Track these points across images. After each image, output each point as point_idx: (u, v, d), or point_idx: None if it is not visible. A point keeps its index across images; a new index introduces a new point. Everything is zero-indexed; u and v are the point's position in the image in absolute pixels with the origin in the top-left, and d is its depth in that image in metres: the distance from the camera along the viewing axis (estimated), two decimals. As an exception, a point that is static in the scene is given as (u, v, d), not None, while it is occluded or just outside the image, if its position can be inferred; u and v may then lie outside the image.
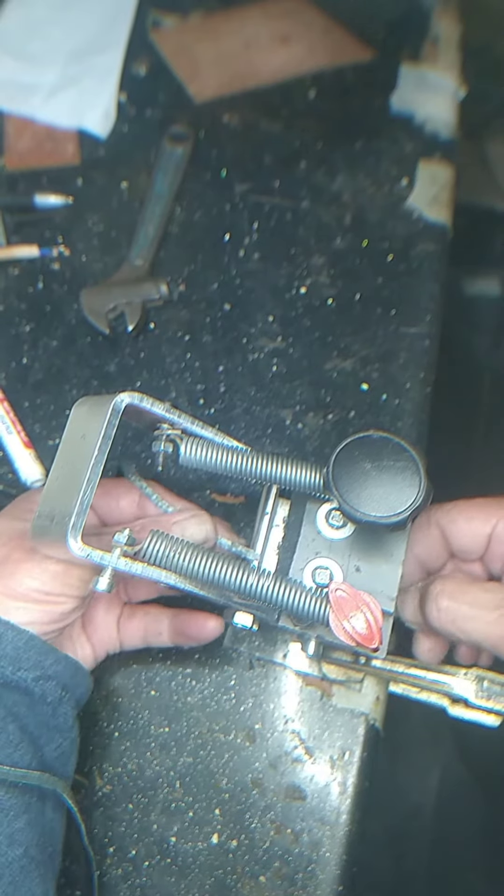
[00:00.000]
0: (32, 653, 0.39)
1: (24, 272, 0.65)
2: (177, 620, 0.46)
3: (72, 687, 0.41)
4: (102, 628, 0.46)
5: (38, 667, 0.39)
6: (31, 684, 0.39)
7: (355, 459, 0.40)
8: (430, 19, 0.82)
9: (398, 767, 1.04)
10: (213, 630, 0.45)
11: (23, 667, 0.39)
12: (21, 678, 0.39)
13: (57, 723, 0.40)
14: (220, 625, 0.45)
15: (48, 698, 0.40)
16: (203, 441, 0.43)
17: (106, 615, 0.46)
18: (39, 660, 0.40)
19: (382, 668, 0.48)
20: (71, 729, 0.41)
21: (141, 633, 0.47)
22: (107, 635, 0.46)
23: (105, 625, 0.46)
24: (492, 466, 1.11)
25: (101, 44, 0.79)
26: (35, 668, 0.39)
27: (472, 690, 0.47)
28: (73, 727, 0.42)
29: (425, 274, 0.65)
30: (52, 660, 0.40)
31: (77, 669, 0.42)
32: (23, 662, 0.39)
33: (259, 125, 0.74)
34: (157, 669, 0.49)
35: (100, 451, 0.37)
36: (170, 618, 0.46)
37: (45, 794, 0.39)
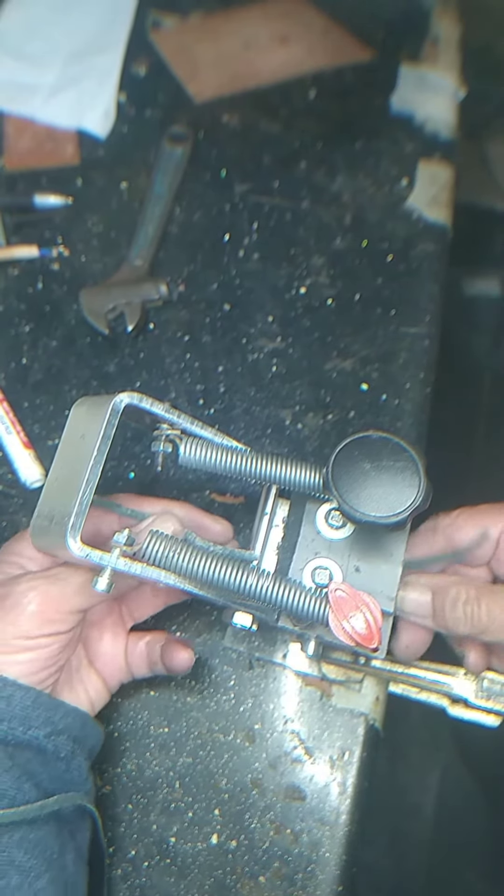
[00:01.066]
0: (41, 710, 0.39)
1: (23, 272, 0.65)
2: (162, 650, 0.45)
3: (82, 739, 0.41)
4: (111, 659, 0.46)
5: (49, 723, 0.39)
6: (43, 741, 0.39)
7: (355, 459, 0.40)
8: (430, 19, 0.82)
9: (398, 767, 1.04)
10: (180, 662, 0.44)
11: (33, 725, 0.39)
12: (33, 736, 0.39)
13: (71, 777, 0.40)
14: (190, 657, 0.44)
15: (61, 753, 0.40)
16: (202, 441, 0.43)
17: (113, 645, 0.46)
18: (49, 716, 0.39)
19: (382, 668, 0.48)
20: (85, 781, 0.41)
21: (146, 662, 0.46)
22: (116, 666, 0.46)
23: (113, 655, 0.46)
24: (492, 466, 1.11)
25: (101, 44, 0.79)
26: (45, 725, 0.39)
27: (472, 690, 0.47)
28: (88, 779, 0.41)
29: (425, 274, 0.65)
30: (60, 714, 0.40)
31: (86, 721, 0.42)
32: (33, 721, 0.39)
33: (259, 125, 0.74)
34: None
35: (99, 452, 0.37)
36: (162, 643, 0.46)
37: (65, 847, 0.39)
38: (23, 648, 0.39)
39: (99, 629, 0.46)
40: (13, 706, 0.38)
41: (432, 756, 1.05)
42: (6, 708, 0.38)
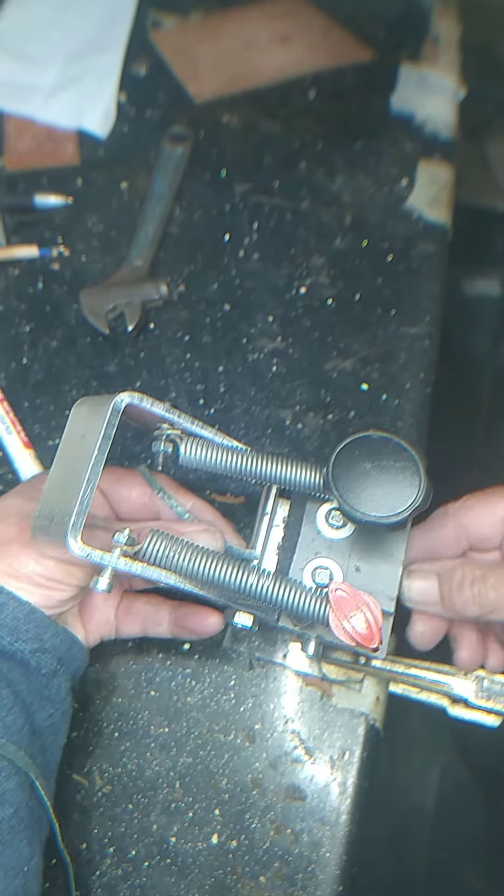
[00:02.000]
0: (32, 625, 0.40)
1: (23, 272, 0.65)
2: (178, 612, 0.46)
3: (67, 660, 0.42)
4: (99, 613, 0.46)
5: (37, 639, 0.40)
6: (27, 656, 0.40)
7: (355, 459, 0.40)
8: (430, 19, 0.82)
9: (398, 767, 1.04)
10: (213, 625, 0.45)
11: (21, 638, 0.39)
12: (18, 649, 0.39)
13: (50, 693, 0.41)
14: (221, 621, 0.45)
15: (43, 670, 0.40)
16: (203, 441, 0.43)
17: (105, 601, 0.46)
18: (38, 632, 0.40)
19: (382, 669, 0.48)
20: (63, 700, 0.42)
21: (140, 622, 0.47)
22: (103, 620, 0.46)
23: (102, 610, 0.46)
24: (492, 466, 1.11)
25: (101, 44, 0.79)
26: (33, 641, 0.40)
27: (472, 690, 0.47)
28: (66, 699, 0.42)
29: (425, 274, 0.65)
30: (50, 633, 0.41)
31: (73, 643, 0.42)
32: (21, 634, 0.39)
33: (259, 125, 0.74)
34: (156, 670, 0.49)
35: (99, 451, 0.37)
36: (171, 609, 0.46)
37: (34, 757, 0.39)
38: (40, 584, 0.39)
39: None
40: (5, 615, 0.39)
41: (432, 756, 1.05)
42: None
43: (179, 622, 0.46)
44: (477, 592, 0.42)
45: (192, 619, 0.45)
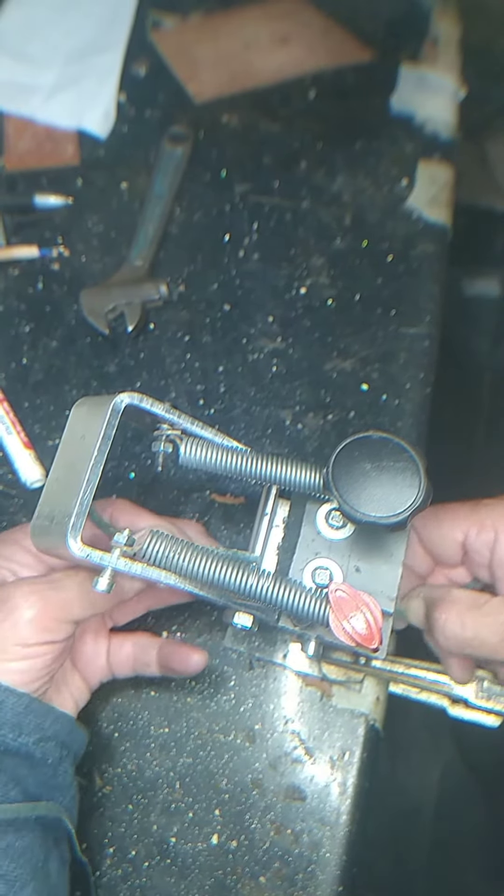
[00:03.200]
0: (32, 716, 0.39)
1: (23, 273, 0.65)
2: (162, 653, 0.45)
3: (69, 744, 0.41)
4: (92, 660, 0.46)
5: (38, 729, 0.39)
6: (32, 748, 0.39)
7: (355, 460, 0.40)
8: (430, 20, 0.82)
9: (398, 768, 1.04)
10: (196, 664, 0.44)
11: (24, 732, 0.39)
12: (23, 743, 0.39)
13: (57, 782, 0.40)
14: (204, 658, 0.44)
15: (49, 759, 0.40)
16: (203, 441, 0.43)
17: (95, 646, 0.46)
18: (39, 722, 0.39)
19: (382, 669, 0.48)
20: (70, 786, 0.41)
21: (130, 663, 0.46)
22: (98, 666, 0.46)
23: (95, 656, 0.46)
24: (492, 466, 1.11)
25: (101, 44, 0.79)
26: (35, 731, 0.39)
27: (472, 691, 0.47)
28: (72, 784, 0.42)
29: (425, 274, 0.65)
30: (50, 720, 0.40)
31: (73, 726, 0.42)
32: (24, 727, 0.39)
33: (259, 126, 0.74)
34: (156, 670, 0.49)
35: (99, 452, 0.37)
36: (157, 648, 0.46)
37: (49, 855, 0.39)
38: (19, 656, 0.38)
39: (81, 630, 0.46)
40: (5, 712, 0.38)
41: (432, 756, 1.05)
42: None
43: (164, 662, 0.45)
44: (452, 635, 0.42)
45: (175, 659, 0.45)
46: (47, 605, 0.39)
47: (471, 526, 0.44)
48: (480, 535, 0.44)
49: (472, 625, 0.42)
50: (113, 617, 0.47)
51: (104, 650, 0.46)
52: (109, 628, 0.47)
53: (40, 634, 0.38)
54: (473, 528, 0.44)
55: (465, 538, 0.44)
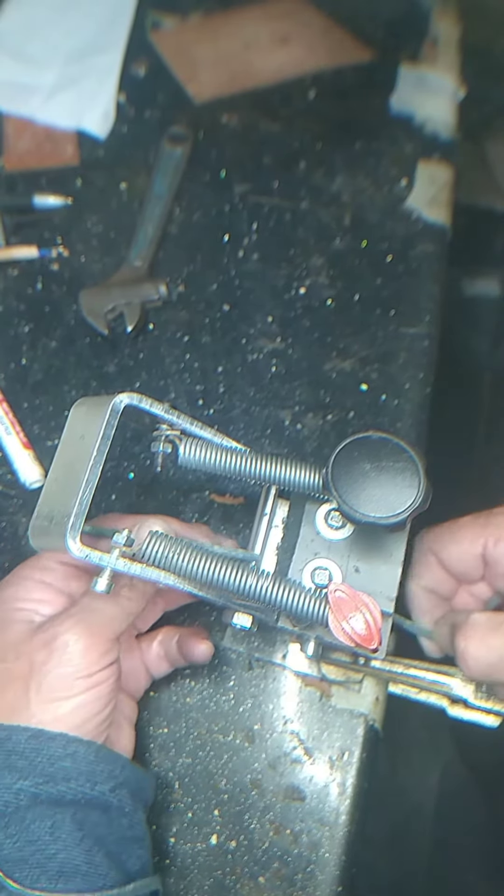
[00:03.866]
0: (104, 764, 0.38)
1: (23, 273, 0.65)
2: (179, 642, 0.46)
3: (139, 792, 0.41)
4: (133, 673, 0.46)
5: (111, 777, 0.38)
6: (108, 796, 0.38)
7: (354, 460, 0.40)
8: (430, 20, 0.82)
9: (398, 768, 1.04)
10: (201, 653, 0.45)
11: (98, 780, 0.38)
12: (100, 792, 0.38)
13: (134, 833, 0.40)
14: (210, 648, 0.45)
15: (126, 808, 0.39)
16: (202, 442, 0.43)
17: (131, 659, 0.46)
18: (111, 770, 0.39)
19: (382, 669, 0.48)
20: (145, 836, 0.41)
21: (163, 661, 0.46)
22: (139, 677, 0.46)
23: (134, 668, 0.46)
24: (492, 466, 1.11)
25: (101, 44, 0.79)
26: (109, 780, 0.38)
27: (472, 691, 0.47)
28: (147, 834, 0.41)
29: (425, 274, 0.65)
30: (120, 767, 0.39)
31: (141, 773, 0.41)
32: (97, 776, 0.38)
33: (258, 126, 0.74)
34: (156, 670, 0.49)
35: (99, 452, 0.37)
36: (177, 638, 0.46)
37: None
38: (85, 689, 0.38)
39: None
40: (78, 762, 0.37)
41: (432, 756, 1.05)
42: (72, 766, 0.37)
43: (181, 651, 0.45)
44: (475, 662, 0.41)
45: (186, 648, 0.45)
46: (92, 630, 0.38)
47: (488, 537, 0.44)
48: (498, 545, 0.44)
49: (496, 646, 0.40)
50: (136, 625, 0.47)
51: (139, 658, 0.46)
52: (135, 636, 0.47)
53: (101, 659, 0.38)
54: (491, 538, 0.44)
55: (483, 550, 0.44)
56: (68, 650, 0.37)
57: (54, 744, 0.37)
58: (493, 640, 0.41)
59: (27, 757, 0.37)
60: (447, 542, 0.45)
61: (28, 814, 0.36)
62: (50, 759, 0.37)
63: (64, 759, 0.37)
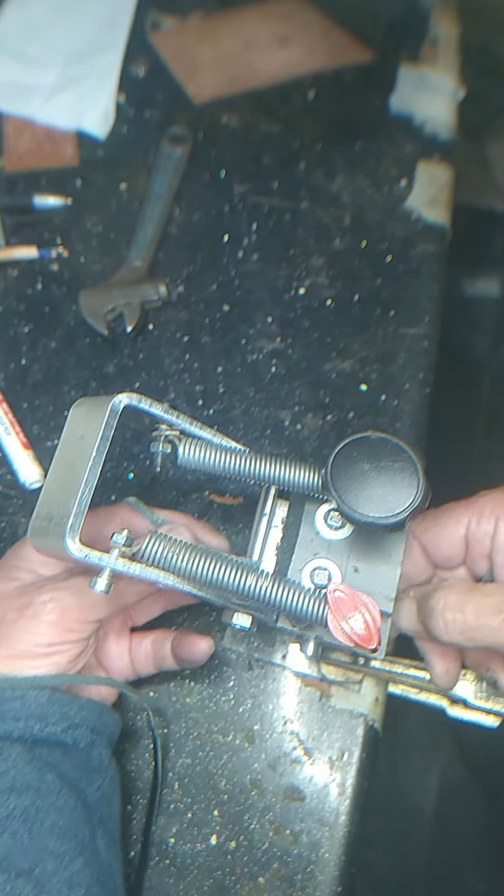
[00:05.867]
0: (56, 706, 0.39)
1: (22, 273, 0.65)
2: (174, 643, 0.46)
3: (101, 728, 0.42)
4: (116, 658, 0.46)
5: (65, 718, 0.40)
6: (61, 736, 0.39)
7: (354, 460, 0.40)
8: (429, 20, 0.82)
9: (398, 768, 1.04)
10: (201, 652, 0.45)
11: (50, 722, 0.39)
12: (51, 732, 0.39)
13: (93, 764, 0.41)
14: (210, 645, 0.45)
15: (81, 744, 0.40)
16: (201, 442, 0.43)
17: (118, 646, 0.46)
18: (65, 711, 0.40)
19: (381, 669, 0.48)
20: (108, 768, 0.42)
21: (151, 660, 0.47)
22: (122, 665, 0.46)
23: (118, 655, 0.46)
24: (492, 466, 1.11)
25: (101, 45, 0.79)
26: (62, 721, 0.39)
27: (472, 691, 0.47)
28: (111, 766, 0.42)
29: (424, 275, 0.65)
30: (76, 708, 0.40)
31: (102, 710, 0.42)
32: (49, 717, 0.39)
33: (258, 126, 0.74)
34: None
35: (98, 452, 0.37)
36: (171, 640, 0.46)
37: (94, 832, 0.39)
38: (42, 654, 0.39)
39: (104, 629, 0.46)
40: (28, 704, 0.39)
41: (432, 756, 1.05)
42: (21, 707, 0.39)
43: (175, 652, 0.46)
44: (452, 619, 0.40)
45: (184, 648, 0.45)
46: (67, 608, 0.39)
47: (471, 517, 0.44)
48: (480, 523, 0.43)
49: (472, 607, 0.40)
50: (133, 617, 0.47)
51: (126, 649, 0.47)
52: (130, 628, 0.47)
53: (63, 635, 0.39)
54: (473, 518, 0.44)
55: (466, 531, 0.44)
56: (36, 619, 0.39)
57: (5, 684, 0.39)
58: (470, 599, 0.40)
59: None
60: (430, 525, 0.45)
61: None
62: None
63: (13, 700, 0.39)
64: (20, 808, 0.37)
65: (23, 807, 0.37)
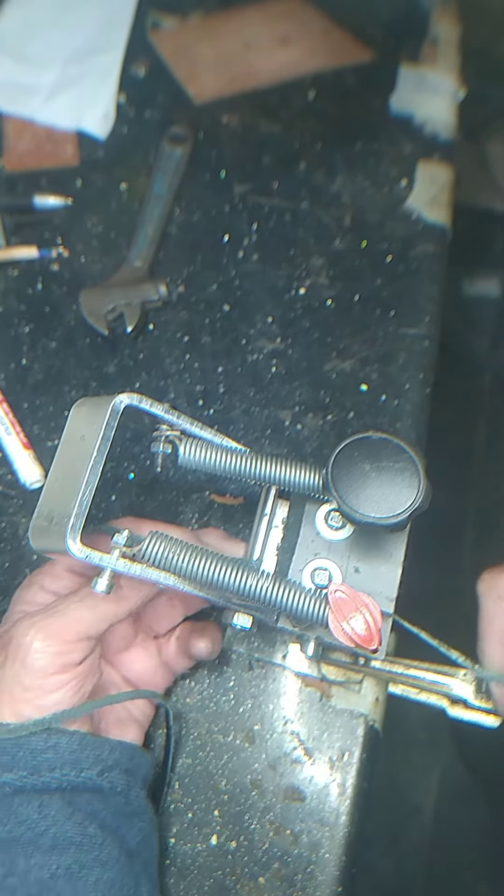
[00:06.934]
0: (89, 750, 0.39)
1: (23, 273, 0.65)
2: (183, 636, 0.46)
3: (134, 770, 0.41)
4: (150, 674, 0.46)
5: (99, 761, 0.39)
6: (97, 780, 0.39)
7: (354, 460, 0.40)
8: (430, 20, 0.82)
9: (398, 768, 1.04)
10: (199, 651, 0.45)
11: (84, 767, 0.39)
12: (86, 777, 0.39)
13: (132, 808, 0.41)
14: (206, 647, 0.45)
15: (117, 787, 0.40)
16: (202, 442, 0.43)
17: (148, 660, 0.46)
18: (97, 754, 0.39)
19: (382, 669, 0.48)
20: (145, 809, 0.41)
21: (184, 656, 0.46)
22: (158, 677, 0.46)
23: (151, 669, 0.46)
24: (492, 467, 1.11)
25: (101, 45, 0.79)
26: (96, 764, 0.39)
27: (472, 691, 0.47)
28: (147, 807, 0.42)
29: (424, 275, 0.65)
30: (108, 750, 0.40)
31: (134, 752, 0.42)
32: (83, 762, 0.39)
33: (258, 126, 0.74)
34: (156, 670, 0.49)
35: (99, 452, 0.37)
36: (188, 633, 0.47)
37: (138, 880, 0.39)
38: (47, 690, 0.38)
39: (128, 653, 0.46)
40: (61, 752, 0.38)
41: (432, 756, 1.05)
42: (55, 757, 0.38)
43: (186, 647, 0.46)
44: None
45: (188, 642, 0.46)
46: (48, 632, 0.38)
47: None
48: None
49: None
50: (153, 628, 0.47)
51: (157, 659, 0.46)
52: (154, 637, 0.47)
53: (55, 660, 0.38)
54: None
55: None
56: (20, 653, 0.37)
57: (35, 738, 0.38)
58: None
59: (9, 752, 0.37)
60: None
61: (15, 799, 0.37)
62: (32, 752, 0.37)
63: (46, 751, 0.38)
64: (63, 866, 0.36)
65: (66, 865, 0.36)
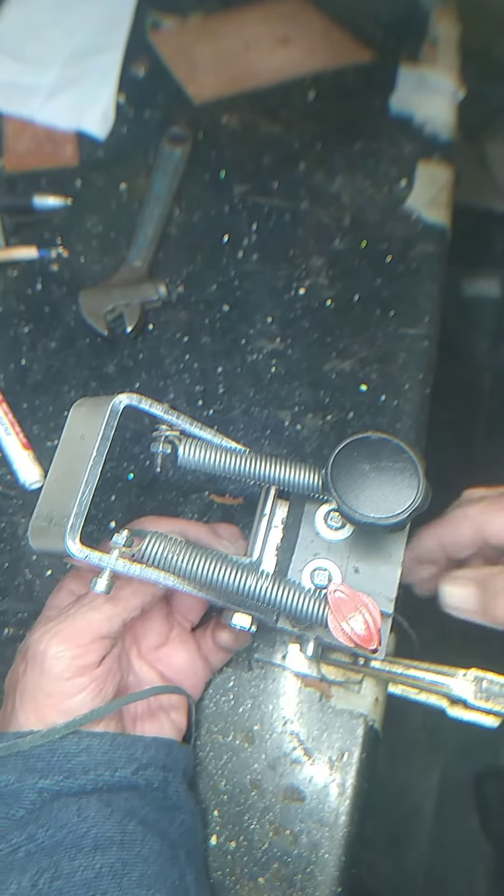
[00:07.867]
0: (121, 750, 0.39)
1: (22, 273, 0.65)
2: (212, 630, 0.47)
3: (171, 765, 0.41)
4: (190, 669, 0.46)
5: (133, 760, 0.39)
6: (132, 778, 0.39)
7: (354, 460, 0.40)
8: (429, 20, 0.82)
9: (398, 768, 1.04)
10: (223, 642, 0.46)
11: (118, 766, 0.39)
12: (121, 776, 0.39)
13: (171, 802, 0.41)
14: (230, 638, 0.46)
15: (154, 783, 0.40)
16: (201, 442, 0.43)
17: (187, 654, 0.46)
18: (130, 753, 0.39)
19: (381, 670, 0.48)
20: (186, 802, 0.42)
21: (220, 650, 0.47)
22: (198, 672, 0.46)
23: (191, 663, 0.46)
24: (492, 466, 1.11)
25: (100, 45, 0.79)
26: (130, 763, 0.39)
27: (471, 691, 0.47)
28: (188, 800, 0.42)
29: (424, 275, 0.65)
30: (141, 748, 0.40)
31: (171, 747, 0.42)
32: (117, 762, 0.39)
33: (258, 126, 0.74)
34: (156, 671, 0.49)
35: (98, 452, 0.37)
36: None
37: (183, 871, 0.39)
38: (70, 693, 0.38)
39: (165, 648, 0.46)
40: (94, 754, 0.38)
41: (432, 756, 1.05)
42: (88, 759, 0.38)
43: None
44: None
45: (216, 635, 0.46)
46: (61, 637, 0.38)
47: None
48: None
49: None
50: (187, 617, 0.47)
51: (196, 654, 0.47)
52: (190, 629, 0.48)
53: (71, 663, 0.38)
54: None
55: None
56: (37, 661, 0.38)
57: (67, 741, 0.38)
58: None
59: (43, 758, 0.38)
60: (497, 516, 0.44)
61: (54, 804, 0.37)
62: (66, 756, 0.38)
63: (79, 754, 0.38)
64: (106, 865, 0.36)
65: (109, 864, 0.37)
